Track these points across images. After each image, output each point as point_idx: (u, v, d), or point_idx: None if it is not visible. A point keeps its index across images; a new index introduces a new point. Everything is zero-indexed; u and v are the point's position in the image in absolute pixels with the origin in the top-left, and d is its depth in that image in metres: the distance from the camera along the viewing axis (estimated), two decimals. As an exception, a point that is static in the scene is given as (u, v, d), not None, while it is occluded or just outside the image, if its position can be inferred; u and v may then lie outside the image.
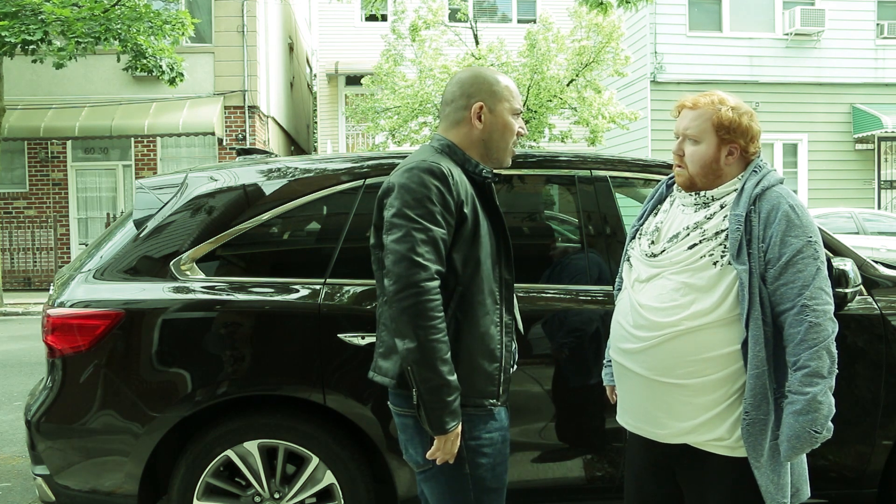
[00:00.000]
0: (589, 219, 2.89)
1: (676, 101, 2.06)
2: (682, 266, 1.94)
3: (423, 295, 1.71)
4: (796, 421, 1.81)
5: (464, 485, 1.87)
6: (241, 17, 14.05)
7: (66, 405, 2.59)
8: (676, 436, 1.96)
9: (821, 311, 1.82)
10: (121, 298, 2.59)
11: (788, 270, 1.84)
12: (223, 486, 2.65)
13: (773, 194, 1.89)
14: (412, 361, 1.73)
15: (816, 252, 1.84)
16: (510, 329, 1.95)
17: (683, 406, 1.93)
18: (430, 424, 1.76)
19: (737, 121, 1.93)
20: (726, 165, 1.96)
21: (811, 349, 1.80)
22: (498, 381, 1.89)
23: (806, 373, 1.80)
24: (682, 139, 2.00)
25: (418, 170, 1.81)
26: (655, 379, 1.96)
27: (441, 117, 2.02)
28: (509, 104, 1.97)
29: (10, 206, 13.79)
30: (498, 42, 13.31)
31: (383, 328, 1.92)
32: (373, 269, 1.97)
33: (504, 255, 1.96)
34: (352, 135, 17.84)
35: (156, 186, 2.83)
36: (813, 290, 1.82)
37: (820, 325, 1.81)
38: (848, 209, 12.60)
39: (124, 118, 13.18)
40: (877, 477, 2.85)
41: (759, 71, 15.06)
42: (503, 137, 1.97)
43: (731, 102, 1.96)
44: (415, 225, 1.75)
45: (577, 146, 13.96)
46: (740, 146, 1.95)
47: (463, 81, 1.98)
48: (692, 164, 1.97)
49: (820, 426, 1.82)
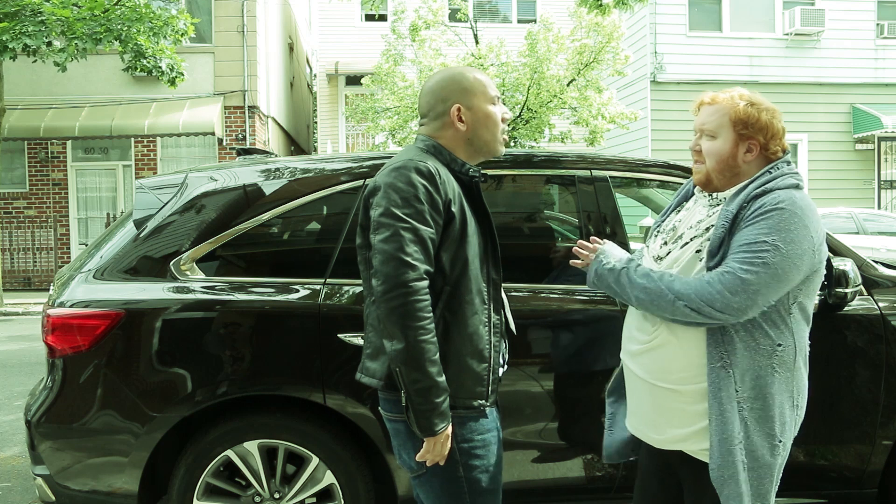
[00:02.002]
0: (589, 219, 2.89)
1: (693, 100, 2.00)
2: (677, 266, 1.91)
3: (411, 295, 1.70)
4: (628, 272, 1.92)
5: (458, 487, 1.86)
6: (241, 17, 14.05)
7: (67, 405, 2.59)
8: (672, 442, 1.94)
9: (729, 279, 1.72)
10: (121, 298, 2.59)
11: (733, 251, 1.76)
12: (223, 486, 2.65)
13: (772, 196, 1.80)
14: (400, 362, 1.71)
15: (766, 254, 1.72)
16: (498, 329, 1.93)
17: (678, 413, 1.91)
18: (419, 426, 1.75)
19: (755, 116, 1.86)
20: (744, 163, 1.89)
21: (687, 288, 1.77)
22: (487, 381, 1.87)
23: (658, 271, 1.86)
24: (699, 135, 1.95)
25: (405, 169, 1.79)
26: (653, 383, 1.94)
27: (422, 125, 1.99)
28: (484, 95, 1.94)
29: (10, 206, 13.79)
30: (498, 42, 13.31)
31: (371, 329, 1.91)
32: (360, 269, 1.96)
33: (492, 254, 1.94)
34: (352, 135, 17.84)
35: (156, 186, 2.83)
36: (744, 260, 1.73)
37: (713, 290, 1.73)
38: (847, 209, 12.60)
39: (124, 118, 13.18)
40: (877, 477, 2.85)
41: (759, 71, 15.07)
42: (489, 130, 1.95)
43: (750, 98, 1.90)
44: (403, 224, 1.74)
45: (577, 146, 13.96)
46: (759, 143, 1.88)
47: (433, 89, 1.96)
48: (709, 160, 1.91)
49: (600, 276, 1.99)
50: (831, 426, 2.80)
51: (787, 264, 1.74)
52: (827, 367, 2.75)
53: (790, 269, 1.74)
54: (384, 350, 1.80)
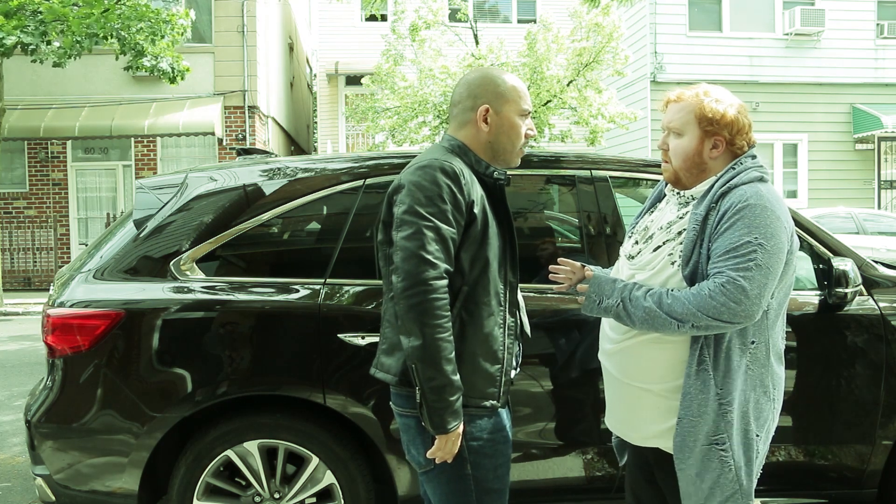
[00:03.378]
0: (589, 219, 2.89)
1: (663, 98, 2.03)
2: (649, 268, 1.93)
3: (431, 293, 1.71)
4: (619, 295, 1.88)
5: (466, 485, 1.87)
6: (241, 17, 14.05)
7: (67, 405, 2.59)
8: (646, 439, 1.97)
9: (730, 288, 1.71)
10: (121, 298, 2.59)
11: (716, 264, 1.76)
12: (223, 486, 2.65)
13: (737, 192, 1.80)
14: (417, 359, 1.73)
15: (755, 254, 1.73)
16: (513, 331, 1.95)
17: (651, 410, 1.93)
18: (432, 423, 1.76)
19: (720, 112, 1.87)
20: (711, 159, 1.90)
21: (688, 303, 1.75)
22: (499, 382, 1.89)
23: (654, 293, 1.81)
24: (666, 133, 1.97)
25: (430, 168, 1.81)
26: (626, 382, 1.96)
27: (450, 118, 2.01)
28: (516, 105, 1.95)
29: (10, 206, 13.79)
30: (498, 42, 13.30)
31: (387, 325, 1.92)
32: (379, 265, 1.96)
33: (510, 257, 1.95)
34: (352, 135, 17.84)
35: (156, 186, 2.83)
36: (738, 266, 1.72)
37: (712, 301, 1.72)
38: (847, 209, 12.60)
39: (124, 118, 13.18)
40: (877, 477, 2.85)
41: (759, 71, 15.07)
42: (510, 140, 1.96)
43: (715, 94, 1.91)
44: (426, 223, 1.75)
45: (577, 146, 13.96)
46: (725, 139, 1.89)
47: (470, 83, 1.97)
48: (675, 158, 1.93)
49: (603, 300, 1.91)
50: (831, 426, 2.81)
51: (773, 259, 1.75)
52: (827, 367, 2.76)
53: (776, 263, 1.76)
54: (400, 346, 1.81)
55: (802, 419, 2.79)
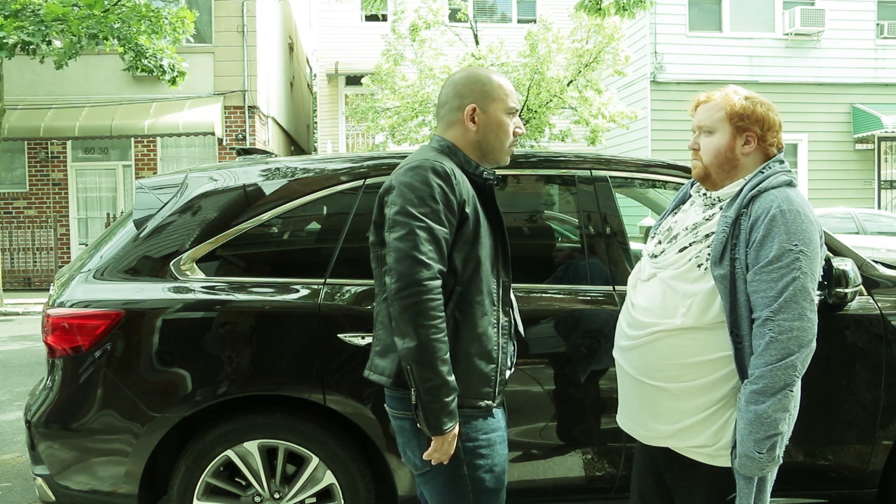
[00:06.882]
0: (589, 219, 2.89)
1: (690, 101, 2.03)
2: (673, 268, 1.93)
3: (424, 294, 1.71)
4: (743, 439, 1.74)
5: (462, 486, 1.86)
6: (241, 17, 14.05)
7: (67, 405, 2.59)
8: (658, 438, 1.96)
9: (786, 326, 1.70)
10: (121, 298, 2.59)
11: (761, 277, 1.76)
12: (223, 486, 2.65)
13: (768, 197, 1.82)
14: (412, 360, 1.72)
15: (798, 262, 1.73)
16: (507, 330, 1.94)
17: (666, 409, 1.92)
18: (428, 425, 1.75)
19: (751, 108, 1.90)
20: (743, 156, 1.92)
21: (766, 366, 1.71)
22: (494, 382, 1.88)
23: (754, 389, 1.72)
24: (697, 133, 1.98)
25: (422, 168, 1.80)
26: (641, 379, 1.96)
27: (438, 118, 2.01)
28: (503, 103, 1.95)
29: (10, 206, 13.79)
30: (498, 42, 13.31)
31: (381, 326, 1.91)
32: (372, 266, 1.96)
33: (502, 256, 1.95)
34: (352, 135, 17.84)
35: (156, 186, 2.83)
36: (782, 304, 1.72)
37: (779, 342, 1.70)
38: (847, 209, 12.60)
39: (124, 118, 13.18)
40: (877, 477, 2.85)
41: (759, 71, 15.07)
42: (498, 138, 1.96)
43: (744, 93, 1.94)
44: (418, 223, 1.75)
45: (577, 146, 13.96)
46: (757, 135, 1.91)
47: (456, 83, 1.97)
48: (706, 155, 1.94)
49: (762, 447, 1.72)
50: (831, 426, 2.81)
51: (814, 264, 1.77)
52: (827, 367, 2.75)
53: (816, 267, 1.78)
54: (394, 347, 1.80)
55: (802, 419, 2.78)
